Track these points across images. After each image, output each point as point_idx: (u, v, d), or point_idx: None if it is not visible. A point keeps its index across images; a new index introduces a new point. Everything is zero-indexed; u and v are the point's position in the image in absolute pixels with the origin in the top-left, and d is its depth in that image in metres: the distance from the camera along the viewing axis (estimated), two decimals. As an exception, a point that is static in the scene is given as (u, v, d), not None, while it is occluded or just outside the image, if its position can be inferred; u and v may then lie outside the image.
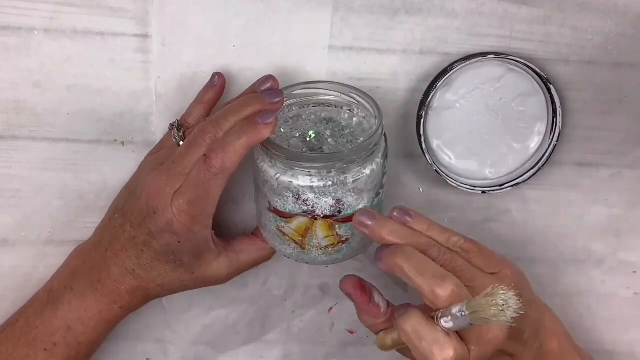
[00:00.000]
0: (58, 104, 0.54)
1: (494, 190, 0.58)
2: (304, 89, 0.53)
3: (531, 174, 0.57)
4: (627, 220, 0.61)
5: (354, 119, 0.52)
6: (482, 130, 0.56)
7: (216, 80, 0.53)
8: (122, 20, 0.52)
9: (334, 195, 0.48)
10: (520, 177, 0.58)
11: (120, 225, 0.51)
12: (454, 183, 0.57)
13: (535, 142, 0.57)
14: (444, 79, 0.53)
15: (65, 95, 0.54)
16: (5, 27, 0.52)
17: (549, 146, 0.57)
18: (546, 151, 0.57)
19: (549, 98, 0.56)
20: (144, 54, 0.54)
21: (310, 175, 0.48)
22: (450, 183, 0.57)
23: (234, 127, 0.48)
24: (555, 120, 0.56)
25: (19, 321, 0.53)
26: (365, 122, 0.52)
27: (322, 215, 0.49)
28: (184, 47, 0.54)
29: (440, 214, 0.60)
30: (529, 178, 0.58)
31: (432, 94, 0.54)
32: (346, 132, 0.51)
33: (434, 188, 0.60)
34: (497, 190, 0.58)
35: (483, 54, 0.54)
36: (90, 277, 0.52)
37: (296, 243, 0.51)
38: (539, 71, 0.54)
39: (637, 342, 0.65)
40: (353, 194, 0.49)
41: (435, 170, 0.56)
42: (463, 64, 0.53)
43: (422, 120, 0.54)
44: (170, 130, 0.53)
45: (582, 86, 0.56)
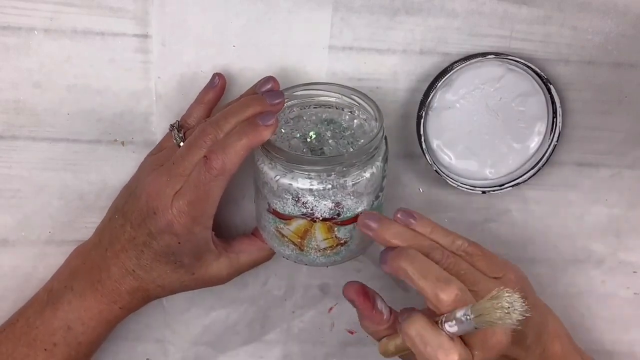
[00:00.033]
0: (58, 104, 0.54)
1: (494, 190, 0.58)
2: (305, 90, 0.52)
3: (531, 174, 0.57)
4: (627, 220, 0.61)
5: (355, 121, 0.52)
6: (482, 130, 0.56)
7: (216, 80, 0.53)
8: (122, 20, 0.52)
9: (333, 198, 0.48)
10: (520, 177, 0.58)
11: (120, 226, 0.51)
12: (454, 183, 0.57)
13: (535, 142, 0.57)
14: (444, 79, 0.53)
15: (65, 95, 0.54)
16: (5, 27, 0.52)
17: (549, 146, 0.57)
18: (546, 151, 0.57)
19: (549, 98, 0.56)
20: (144, 54, 0.54)
21: (310, 178, 0.47)
22: (450, 183, 0.57)
23: (235, 129, 0.48)
24: (555, 120, 0.56)
25: (19, 321, 0.53)
26: (366, 124, 0.52)
27: (321, 218, 0.49)
28: (184, 47, 0.54)
29: (440, 214, 0.61)
30: (529, 178, 0.58)
31: (432, 94, 0.54)
32: (347, 133, 0.51)
33: (434, 188, 0.60)
34: (497, 190, 0.58)
35: (483, 54, 0.54)
36: (90, 277, 0.52)
37: (295, 245, 0.51)
38: (539, 71, 0.54)
39: (637, 342, 0.65)
40: (352, 197, 0.49)
41: (435, 170, 0.56)
42: (463, 64, 0.53)
43: (422, 120, 0.54)
44: (171, 131, 0.53)
45: (582, 86, 0.56)
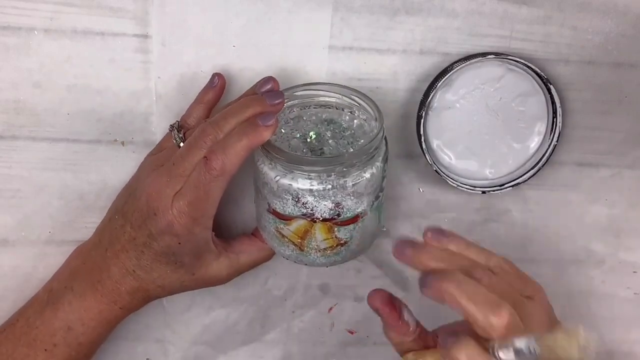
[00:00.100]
0: (58, 104, 0.54)
1: (494, 190, 0.58)
2: (305, 90, 0.52)
3: (531, 174, 0.57)
4: (627, 220, 0.61)
5: (355, 121, 0.52)
6: (482, 130, 0.56)
7: (216, 80, 0.53)
8: (122, 20, 0.52)
9: (333, 198, 0.48)
10: (520, 177, 0.58)
11: (120, 226, 0.51)
12: (454, 183, 0.57)
13: (535, 142, 0.57)
14: (444, 79, 0.53)
15: (65, 95, 0.54)
16: (5, 27, 0.52)
17: (549, 146, 0.57)
18: (546, 151, 0.57)
19: (549, 98, 0.56)
20: (144, 54, 0.54)
21: (310, 178, 0.47)
22: (450, 183, 0.57)
23: (235, 129, 0.48)
24: (555, 120, 0.56)
25: (19, 321, 0.53)
26: (366, 124, 0.52)
27: (321, 218, 0.49)
28: (184, 47, 0.54)
29: (440, 214, 0.61)
30: (529, 178, 0.58)
31: (432, 94, 0.54)
32: (347, 133, 0.51)
33: (434, 188, 0.60)
34: (497, 190, 0.58)
35: (483, 54, 0.54)
36: (90, 277, 0.52)
37: (295, 245, 0.51)
38: (539, 71, 0.54)
39: (637, 342, 0.65)
40: (352, 198, 0.49)
41: (435, 170, 0.56)
42: (463, 64, 0.53)
43: (422, 120, 0.54)
44: (171, 132, 0.53)
45: (582, 86, 0.56)
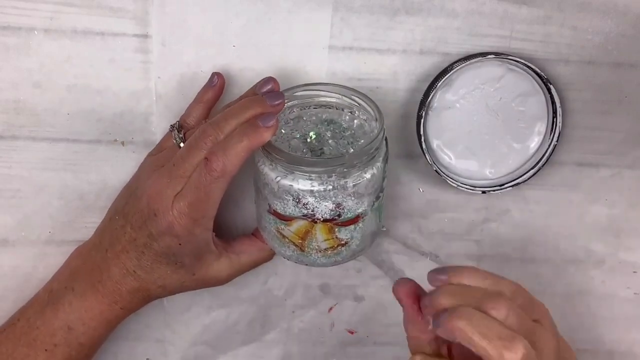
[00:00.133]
0: (58, 104, 0.54)
1: (494, 190, 0.58)
2: (305, 90, 0.52)
3: (531, 174, 0.57)
4: (627, 220, 0.61)
5: (355, 121, 0.52)
6: (482, 130, 0.56)
7: (215, 80, 0.53)
8: (122, 20, 0.52)
9: (334, 199, 0.48)
10: (520, 177, 0.58)
11: (121, 227, 0.51)
12: (454, 183, 0.57)
13: (535, 142, 0.57)
14: (444, 79, 0.53)
15: (65, 95, 0.54)
16: (5, 27, 0.52)
17: (549, 146, 0.57)
18: (546, 151, 0.57)
19: (549, 98, 0.56)
20: (144, 54, 0.54)
21: (310, 179, 0.47)
22: (450, 183, 0.57)
23: (235, 130, 0.47)
24: (555, 120, 0.56)
25: (19, 321, 0.53)
26: (366, 124, 0.52)
27: (322, 219, 0.49)
28: (184, 47, 0.54)
29: (440, 214, 0.61)
30: (529, 178, 0.58)
31: (432, 94, 0.54)
32: (347, 133, 0.51)
33: (434, 188, 0.60)
34: (497, 190, 0.58)
35: (483, 54, 0.54)
36: (90, 277, 0.52)
37: (296, 245, 0.51)
38: (539, 71, 0.54)
39: (637, 342, 0.65)
40: (353, 198, 0.49)
41: (435, 170, 0.56)
42: (463, 64, 0.53)
43: (422, 120, 0.54)
44: (171, 132, 0.53)
45: (582, 86, 0.56)
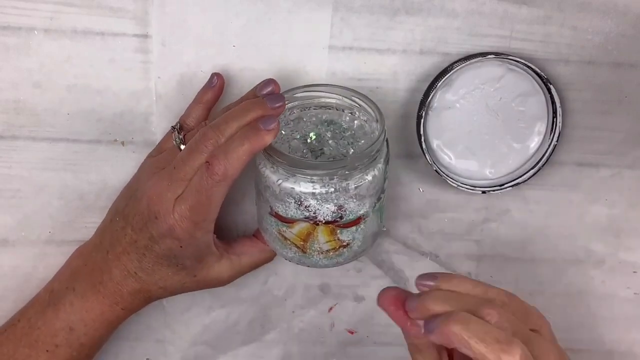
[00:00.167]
0: (58, 104, 0.54)
1: (494, 190, 0.58)
2: (305, 92, 0.52)
3: (531, 174, 0.57)
4: (627, 220, 0.61)
5: (355, 122, 0.52)
6: (482, 130, 0.56)
7: (215, 80, 0.53)
8: (122, 20, 0.52)
9: (335, 201, 0.48)
10: (520, 177, 0.58)
11: (121, 229, 0.51)
12: (454, 183, 0.57)
13: (535, 142, 0.57)
14: (444, 79, 0.53)
15: (65, 95, 0.54)
16: (5, 27, 0.52)
17: (549, 146, 0.57)
18: (546, 151, 0.57)
19: (549, 98, 0.56)
20: (144, 54, 0.54)
21: (312, 182, 0.47)
22: (450, 183, 0.57)
23: (236, 133, 0.47)
24: (555, 120, 0.56)
25: (20, 322, 0.53)
26: (366, 125, 0.52)
27: (323, 221, 0.49)
28: (184, 47, 0.54)
29: (440, 214, 0.61)
30: (529, 178, 0.58)
31: (432, 94, 0.54)
32: (347, 134, 0.51)
33: (434, 188, 0.60)
34: (497, 190, 0.58)
35: (483, 54, 0.54)
36: (91, 278, 0.52)
37: (297, 247, 0.51)
38: (539, 71, 0.54)
39: (637, 342, 0.65)
40: (355, 200, 0.49)
41: (435, 170, 0.56)
42: (463, 64, 0.53)
43: (422, 120, 0.54)
44: (172, 133, 0.53)
45: (582, 86, 0.56)
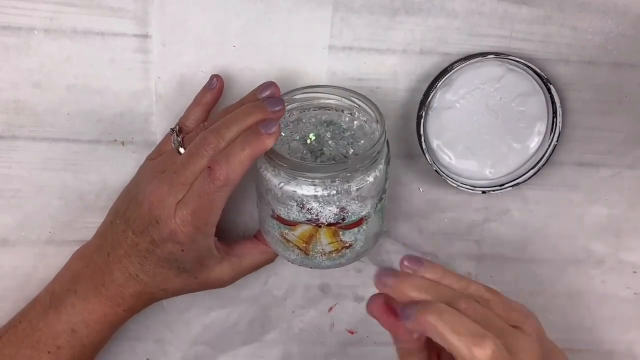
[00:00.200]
0: (58, 104, 0.54)
1: (494, 190, 0.58)
2: (305, 93, 0.52)
3: (531, 174, 0.57)
4: (627, 220, 0.61)
5: (355, 122, 0.52)
6: (482, 130, 0.56)
7: (214, 82, 0.53)
8: (122, 20, 0.52)
9: (337, 203, 0.48)
10: (520, 177, 0.58)
11: (122, 232, 0.51)
12: (454, 183, 0.57)
13: (535, 142, 0.57)
14: (444, 79, 0.53)
15: (65, 95, 0.54)
16: (5, 27, 0.52)
17: (549, 146, 0.57)
18: (546, 151, 0.57)
19: (549, 98, 0.56)
20: (144, 54, 0.54)
21: (314, 184, 0.47)
22: (450, 183, 0.57)
23: (237, 138, 0.47)
24: (555, 120, 0.56)
25: (21, 323, 0.53)
26: (366, 125, 0.52)
27: (326, 223, 0.49)
28: (184, 47, 0.54)
29: (440, 214, 0.61)
30: (529, 178, 0.58)
31: (432, 94, 0.54)
32: (347, 134, 0.51)
33: (434, 188, 0.60)
34: (497, 190, 0.58)
35: (483, 54, 0.54)
36: (93, 280, 0.52)
37: (300, 249, 0.51)
38: (539, 71, 0.54)
39: (637, 342, 0.65)
40: (357, 201, 0.49)
41: (435, 170, 0.56)
42: (463, 64, 0.53)
43: (422, 120, 0.54)
44: (171, 135, 0.52)
45: (582, 86, 0.56)
